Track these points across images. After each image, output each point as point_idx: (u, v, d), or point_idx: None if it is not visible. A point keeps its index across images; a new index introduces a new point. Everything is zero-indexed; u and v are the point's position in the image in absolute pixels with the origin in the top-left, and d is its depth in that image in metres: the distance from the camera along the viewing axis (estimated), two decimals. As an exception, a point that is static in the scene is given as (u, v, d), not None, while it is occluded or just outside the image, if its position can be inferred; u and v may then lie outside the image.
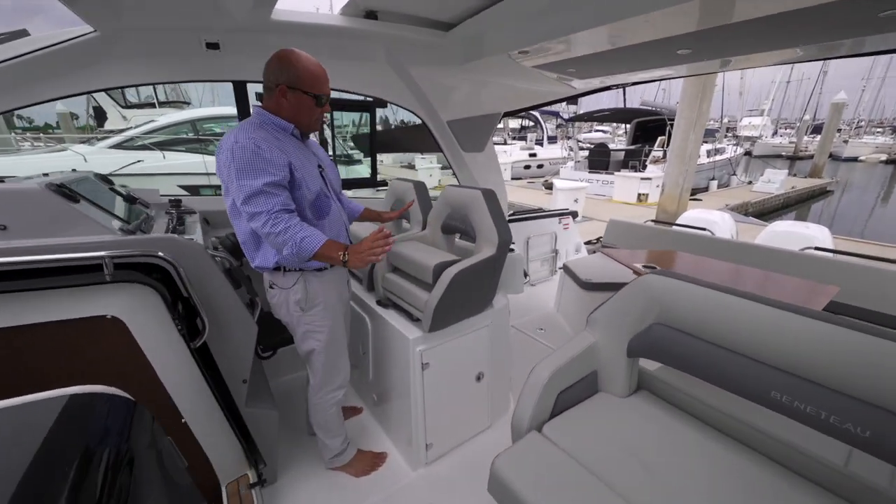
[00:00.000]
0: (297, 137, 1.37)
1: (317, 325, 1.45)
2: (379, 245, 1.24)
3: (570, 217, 4.43)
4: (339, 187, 1.61)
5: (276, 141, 1.26)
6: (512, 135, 21.30)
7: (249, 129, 1.22)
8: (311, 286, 1.40)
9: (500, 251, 1.61)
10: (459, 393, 1.76)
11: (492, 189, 1.70)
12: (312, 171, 1.36)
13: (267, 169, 1.18)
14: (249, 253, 1.36)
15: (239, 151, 1.17)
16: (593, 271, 3.10)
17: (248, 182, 1.17)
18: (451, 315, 1.59)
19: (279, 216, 1.18)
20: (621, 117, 14.38)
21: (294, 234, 1.18)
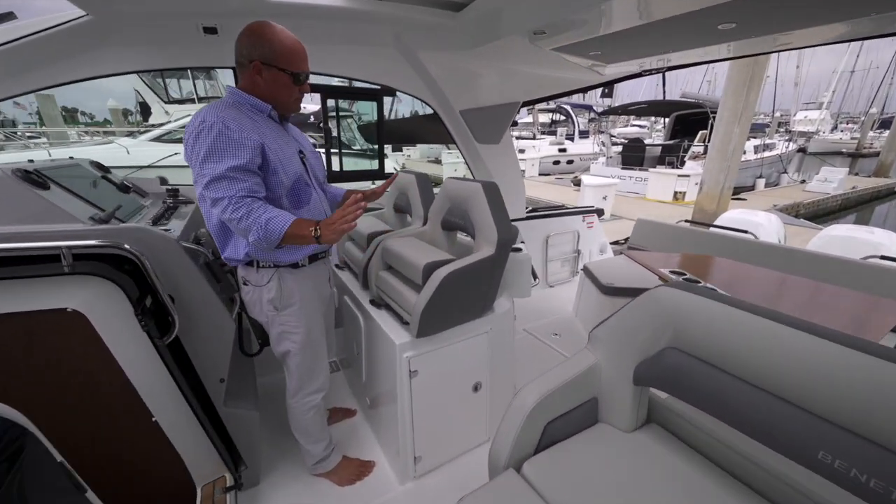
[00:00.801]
0: (274, 120, 1.27)
1: (292, 325, 1.35)
2: (350, 212, 1.12)
3: (594, 215, 4.15)
4: (324, 177, 1.51)
5: (249, 122, 1.15)
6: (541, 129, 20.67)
7: (219, 108, 1.12)
8: (286, 284, 1.30)
9: (500, 251, 1.45)
10: (453, 404, 1.62)
11: (493, 182, 1.54)
12: (291, 156, 1.25)
13: (232, 151, 1.08)
14: (219, 244, 1.27)
15: (205, 132, 1.07)
16: (615, 274, 2.86)
17: (212, 166, 1.06)
18: (442, 320, 1.45)
19: (241, 201, 1.07)
20: (659, 110, 13.54)
21: (258, 216, 1.07)
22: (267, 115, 1.24)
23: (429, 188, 2.01)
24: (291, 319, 1.34)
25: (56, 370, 1.06)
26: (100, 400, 1.14)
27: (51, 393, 1.07)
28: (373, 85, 2.38)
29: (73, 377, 1.08)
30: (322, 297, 1.44)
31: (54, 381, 1.06)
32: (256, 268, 1.28)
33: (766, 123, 18.50)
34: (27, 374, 1.03)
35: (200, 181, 1.08)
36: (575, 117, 18.04)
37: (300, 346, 1.38)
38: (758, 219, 3.54)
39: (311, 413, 1.49)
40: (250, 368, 1.72)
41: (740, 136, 5.55)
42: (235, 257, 1.25)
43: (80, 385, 1.10)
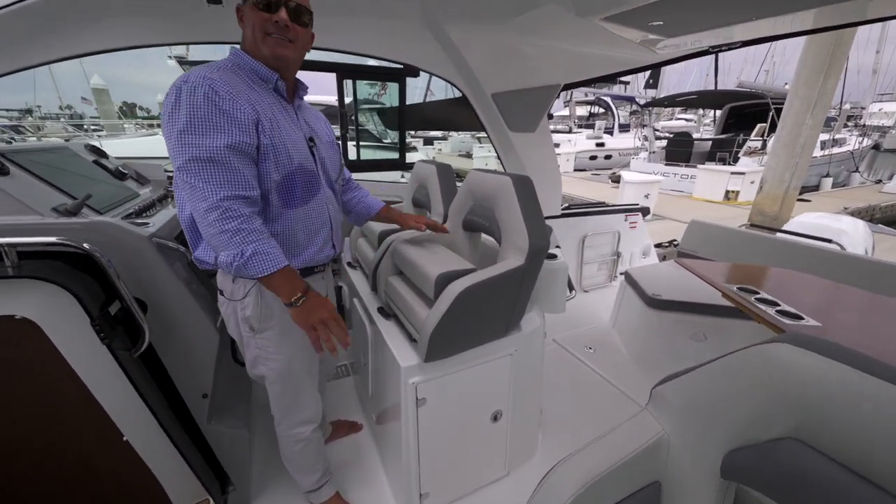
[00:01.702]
0: (280, 94, 1.05)
1: (270, 352, 1.12)
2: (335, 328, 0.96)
3: (639, 214, 3.74)
4: (337, 173, 1.26)
5: (245, 89, 0.94)
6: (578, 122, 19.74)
7: (209, 69, 0.91)
8: (267, 301, 1.06)
9: (532, 261, 1.19)
10: (467, 435, 1.38)
11: (526, 176, 1.26)
12: (293, 141, 1.02)
13: (221, 124, 0.86)
14: (190, 240, 1.03)
15: (186, 95, 0.85)
16: (663, 284, 2.50)
17: (195, 141, 0.84)
18: (456, 341, 1.21)
19: (231, 208, 0.86)
20: (711, 102, 12.44)
21: (245, 242, 0.87)
22: (272, 88, 1.02)
23: (451, 181, 1.76)
24: (270, 345, 1.11)
25: (5, 386, 0.91)
26: (61, 419, 1.00)
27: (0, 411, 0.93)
28: (395, 64, 2.15)
29: (27, 394, 0.94)
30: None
31: (4, 399, 0.92)
32: (232, 277, 1.04)
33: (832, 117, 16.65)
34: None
35: (176, 158, 0.87)
36: (615, 110, 17.04)
37: (278, 374, 1.15)
38: (841, 225, 3.00)
39: (300, 446, 1.27)
40: (245, 378, 1.56)
41: (813, 129, 4.82)
42: (206, 260, 1.02)
43: (36, 402, 0.96)
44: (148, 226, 1.14)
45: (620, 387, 2.18)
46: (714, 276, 1.96)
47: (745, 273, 2.10)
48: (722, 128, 11.85)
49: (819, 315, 1.47)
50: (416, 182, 1.95)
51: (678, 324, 2.33)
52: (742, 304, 1.58)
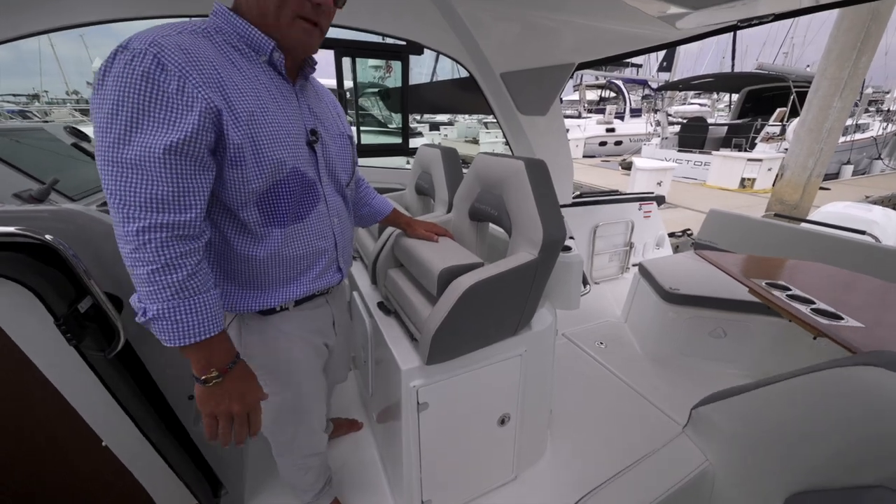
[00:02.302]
0: (277, 70, 0.78)
1: (265, 382, 0.87)
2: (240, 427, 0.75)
3: (653, 203, 3.58)
4: (349, 175, 0.99)
5: (218, 62, 0.67)
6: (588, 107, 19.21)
7: (166, 31, 0.64)
8: (251, 338, 0.87)
9: (546, 255, 1.07)
10: (472, 440, 1.30)
11: (540, 160, 1.14)
12: (287, 134, 0.76)
13: (162, 115, 0.61)
14: None
15: (119, 68, 0.60)
16: (681, 277, 2.37)
17: (119, 135, 0.60)
18: (460, 342, 1.10)
19: (152, 245, 0.63)
20: (728, 85, 11.96)
21: (150, 297, 0.65)
22: (267, 61, 0.75)
23: (456, 166, 1.63)
24: (265, 377, 0.88)
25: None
26: (34, 426, 0.92)
27: None
28: (397, 40, 2.00)
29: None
30: (318, 350, 1.00)
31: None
32: None
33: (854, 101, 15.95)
34: None
35: (100, 154, 0.61)
36: (627, 94, 16.53)
37: (274, 414, 0.98)
38: (872, 215, 2.82)
39: (302, 473, 1.18)
40: None
41: (841, 113, 4.52)
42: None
43: (4, 409, 0.88)
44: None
45: (634, 385, 2.08)
46: (738, 270, 1.83)
47: (772, 267, 1.96)
48: (738, 112, 11.41)
49: (859, 314, 1.34)
50: (420, 168, 1.83)
51: (696, 319, 2.21)
52: (773, 302, 1.45)
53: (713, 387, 2.13)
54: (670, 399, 1.99)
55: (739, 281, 1.66)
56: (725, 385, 2.18)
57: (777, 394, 0.65)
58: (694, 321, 2.21)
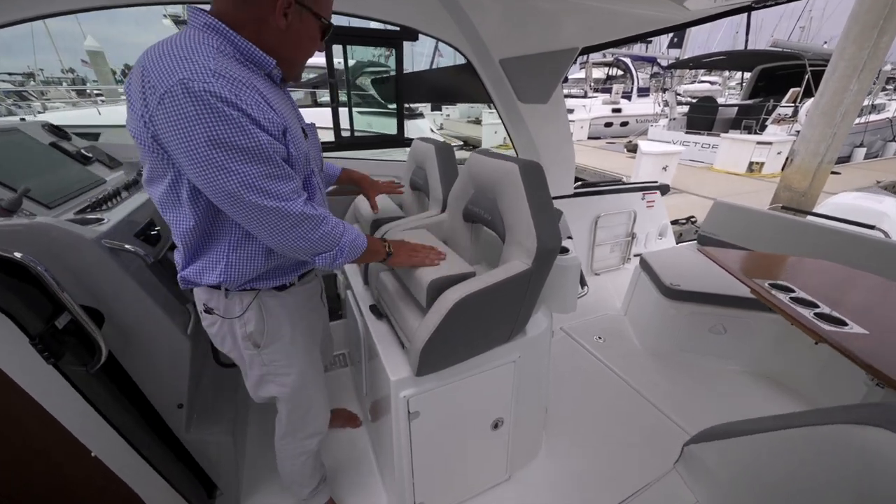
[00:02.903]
0: (275, 82, 0.86)
1: (280, 366, 1.03)
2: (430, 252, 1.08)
3: (656, 192, 3.50)
4: (321, 160, 1.11)
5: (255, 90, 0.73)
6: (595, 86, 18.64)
7: (209, 59, 0.68)
8: (272, 313, 0.97)
9: (540, 265, 1.03)
10: (465, 445, 1.29)
11: (535, 163, 1.08)
12: (300, 135, 0.87)
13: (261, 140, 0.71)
14: (184, 256, 0.87)
15: (206, 107, 0.65)
16: (682, 272, 2.32)
17: (242, 167, 0.70)
18: (450, 354, 1.08)
19: (309, 209, 0.81)
20: (741, 63, 11.51)
21: (340, 232, 0.87)
22: (265, 74, 0.82)
23: (451, 163, 1.57)
24: (280, 358, 1.02)
25: None
26: (21, 440, 0.91)
27: None
28: (390, 26, 1.90)
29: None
30: (316, 317, 1.15)
31: None
32: (225, 292, 0.91)
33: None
34: None
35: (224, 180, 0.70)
36: (635, 72, 15.99)
37: (292, 390, 1.07)
38: (883, 207, 2.73)
39: (303, 459, 1.21)
40: (230, 380, 1.48)
41: (857, 95, 4.31)
42: (198, 281, 0.88)
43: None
44: (102, 222, 1.00)
45: (632, 382, 2.08)
46: (741, 268, 1.78)
47: (775, 264, 1.91)
48: (750, 92, 11.03)
49: (865, 319, 1.30)
50: (414, 162, 1.77)
51: (696, 315, 2.18)
52: (777, 306, 1.42)
53: (712, 384, 2.13)
54: (669, 397, 1.98)
55: (742, 281, 1.62)
56: (725, 382, 2.18)
57: (773, 443, 0.62)
58: (694, 317, 2.19)
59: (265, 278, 0.93)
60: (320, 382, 1.17)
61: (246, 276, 0.88)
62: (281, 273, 0.96)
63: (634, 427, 1.81)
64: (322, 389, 1.18)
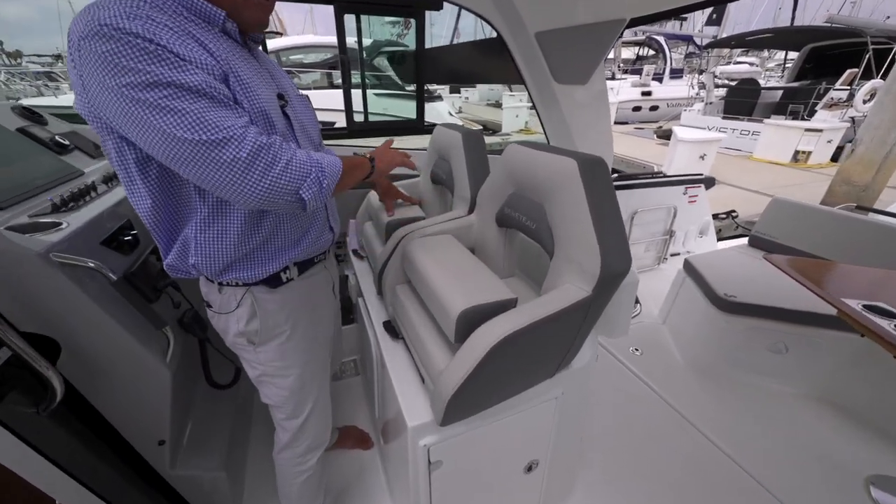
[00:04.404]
0: (233, 38, 0.72)
1: (277, 367, 0.93)
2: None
3: (700, 186, 3.17)
4: (319, 137, 0.97)
5: (190, 36, 0.62)
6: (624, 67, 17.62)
7: (126, 4, 0.57)
8: (266, 308, 0.86)
9: (602, 290, 0.80)
10: (492, 492, 1.10)
11: (598, 158, 0.84)
12: (269, 100, 0.73)
13: (186, 66, 0.58)
14: (160, 242, 0.77)
15: (122, 44, 0.54)
16: (736, 279, 2.04)
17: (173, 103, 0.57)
18: (483, 399, 0.88)
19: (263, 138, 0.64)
20: (789, 42, 10.55)
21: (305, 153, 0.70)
22: (219, 30, 0.69)
23: (481, 154, 1.34)
24: (275, 358, 0.91)
25: None
26: None
27: None
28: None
29: None
30: (323, 315, 1.03)
31: None
32: (218, 287, 0.84)
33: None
34: None
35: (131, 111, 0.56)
36: (668, 52, 14.98)
37: (290, 393, 0.97)
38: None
39: (303, 478, 1.08)
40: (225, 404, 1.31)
41: None
42: (181, 267, 0.78)
43: None
44: (58, 228, 0.82)
45: (674, 403, 1.84)
46: (819, 281, 1.49)
47: (861, 278, 1.61)
48: (796, 74, 10.14)
49: None
50: (436, 153, 1.54)
51: (753, 331, 1.91)
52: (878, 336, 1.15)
53: (769, 409, 1.88)
54: (717, 422, 1.74)
55: (830, 302, 1.34)
56: (783, 408, 1.92)
57: None
58: (751, 332, 1.92)
59: (248, 268, 0.80)
60: (323, 389, 1.06)
61: (220, 261, 0.77)
62: (265, 261, 0.82)
63: (677, 457, 1.59)
64: (324, 397, 1.07)
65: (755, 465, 1.57)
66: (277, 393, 0.96)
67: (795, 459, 1.61)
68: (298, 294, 0.91)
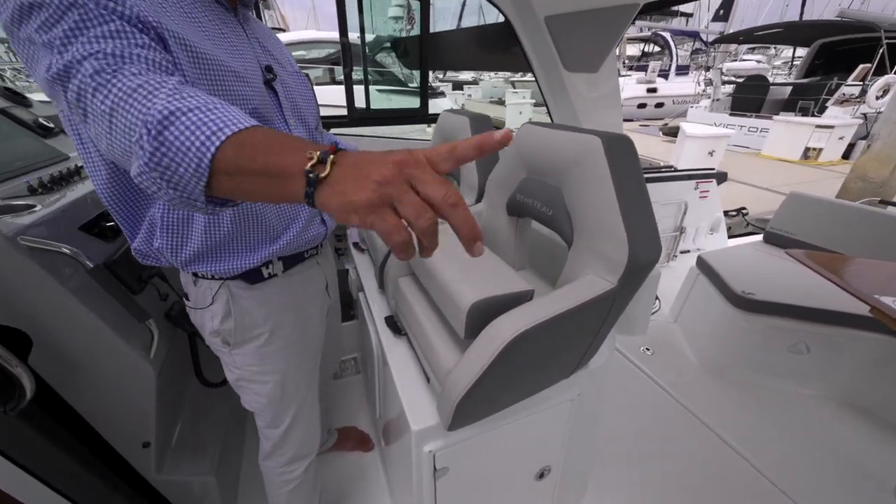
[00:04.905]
0: (221, 3, 0.66)
1: (253, 372, 0.83)
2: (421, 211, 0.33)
3: (712, 181, 3.07)
4: (316, 117, 0.87)
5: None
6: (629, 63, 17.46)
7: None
8: (243, 305, 0.76)
9: (628, 281, 0.72)
10: (503, 496, 1.03)
11: (625, 136, 0.76)
12: (242, 71, 0.63)
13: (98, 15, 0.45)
14: (122, 223, 0.67)
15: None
16: (754, 277, 1.95)
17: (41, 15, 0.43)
18: (494, 402, 0.80)
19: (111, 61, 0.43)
20: (799, 37, 10.38)
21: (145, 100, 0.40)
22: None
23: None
24: (252, 363, 0.82)
25: None
26: None
27: None
28: (416, -28, 1.56)
29: None
30: (312, 315, 0.90)
31: None
32: (194, 278, 0.75)
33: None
34: None
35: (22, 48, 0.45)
36: (674, 48, 14.80)
37: (268, 401, 0.87)
38: None
39: (289, 488, 1.00)
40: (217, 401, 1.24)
41: None
42: (149, 252, 0.69)
43: None
44: (33, 210, 0.75)
45: (688, 404, 1.76)
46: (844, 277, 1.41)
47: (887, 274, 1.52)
48: (806, 70, 9.97)
49: None
50: (441, 140, 1.46)
51: (773, 331, 1.82)
52: None
53: (789, 412, 1.79)
54: (735, 425, 1.66)
55: (863, 300, 1.25)
56: (803, 410, 1.84)
57: None
58: (770, 332, 1.83)
59: (221, 260, 0.71)
60: (309, 396, 0.95)
61: (187, 248, 0.68)
62: (241, 253, 0.72)
63: (692, 460, 1.52)
64: (311, 405, 0.97)
65: (775, 469, 1.49)
66: (256, 399, 0.87)
67: (818, 464, 1.53)
68: (281, 292, 0.81)
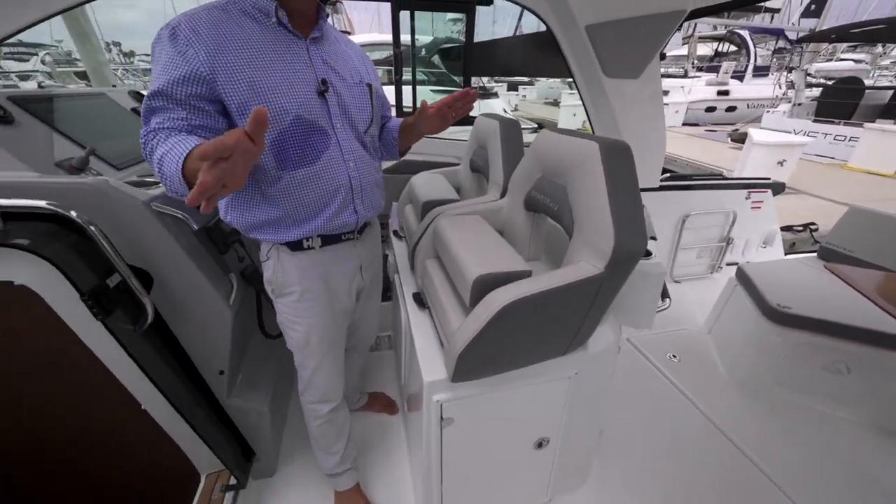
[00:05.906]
0: (286, 27, 0.86)
1: (289, 318, 1.07)
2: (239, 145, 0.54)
3: (767, 191, 2.91)
4: (367, 122, 1.01)
5: (222, 30, 0.78)
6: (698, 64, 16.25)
7: (197, 8, 0.80)
8: (284, 267, 1.00)
9: (615, 269, 0.83)
10: (502, 461, 1.16)
11: (622, 142, 0.86)
12: (289, 85, 0.84)
13: (164, 66, 0.76)
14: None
15: (157, 39, 0.78)
16: (794, 291, 1.88)
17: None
18: (493, 363, 0.94)
19: (153, 136, 0.73)
20: (906, 34, 9.10)
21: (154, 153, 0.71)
22: (274, 21, 0.84)
23: (516, 142, 1.39)
24: (287, 312, 1.05)
25: (10, 355, 0.90)
26: (74, 387, 0.99)
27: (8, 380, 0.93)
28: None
29: (37, 363, 0.92)
30: (339, 288, 1.08)
31: (12, 368, 0.92)
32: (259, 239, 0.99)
33: None
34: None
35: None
36: (753, 47, 13.56)
37: (297, 345, 1.11)
38: None
39: (318, 423, 1.21)
40: (274, 352, 1.50)
41: None
42: (225, 218, 0.95)
43: (47, 371, 0.95)
44: (159, 184, 1.02)
45: (710, 414, 1.76)
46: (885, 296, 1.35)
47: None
48: (914, 72, 8.72)
49: None
50: (476, 142, 1.61)
51: (809, 347, 1.75)
52: None
53: (818, 433, 1.72)
54: (757, 439, 1.64)
55: None
56: (835, 433, 1.75)
57: None
58: (805, 349, 1.77)
59: (274, 232, 0.94)
60: (331, 354, 1.13)
61: (248, 220, 0.92)
62: (288, 228, 0.94)
63: (708, 468, 1.53)
64: (333, 358, 1.15)
65: (790, 480, 1.47)
66: (290, 341, 1.10)
67: (851, 492, 1.47)
68: (315, 262, 1.00)
